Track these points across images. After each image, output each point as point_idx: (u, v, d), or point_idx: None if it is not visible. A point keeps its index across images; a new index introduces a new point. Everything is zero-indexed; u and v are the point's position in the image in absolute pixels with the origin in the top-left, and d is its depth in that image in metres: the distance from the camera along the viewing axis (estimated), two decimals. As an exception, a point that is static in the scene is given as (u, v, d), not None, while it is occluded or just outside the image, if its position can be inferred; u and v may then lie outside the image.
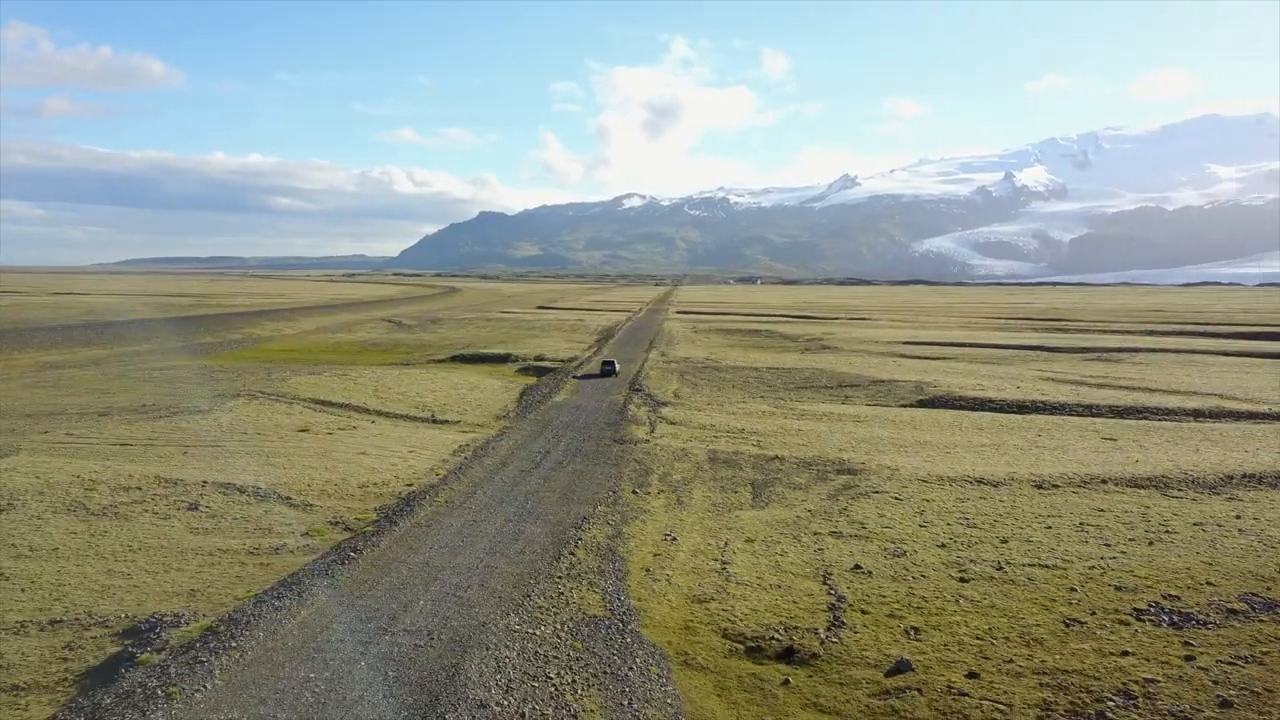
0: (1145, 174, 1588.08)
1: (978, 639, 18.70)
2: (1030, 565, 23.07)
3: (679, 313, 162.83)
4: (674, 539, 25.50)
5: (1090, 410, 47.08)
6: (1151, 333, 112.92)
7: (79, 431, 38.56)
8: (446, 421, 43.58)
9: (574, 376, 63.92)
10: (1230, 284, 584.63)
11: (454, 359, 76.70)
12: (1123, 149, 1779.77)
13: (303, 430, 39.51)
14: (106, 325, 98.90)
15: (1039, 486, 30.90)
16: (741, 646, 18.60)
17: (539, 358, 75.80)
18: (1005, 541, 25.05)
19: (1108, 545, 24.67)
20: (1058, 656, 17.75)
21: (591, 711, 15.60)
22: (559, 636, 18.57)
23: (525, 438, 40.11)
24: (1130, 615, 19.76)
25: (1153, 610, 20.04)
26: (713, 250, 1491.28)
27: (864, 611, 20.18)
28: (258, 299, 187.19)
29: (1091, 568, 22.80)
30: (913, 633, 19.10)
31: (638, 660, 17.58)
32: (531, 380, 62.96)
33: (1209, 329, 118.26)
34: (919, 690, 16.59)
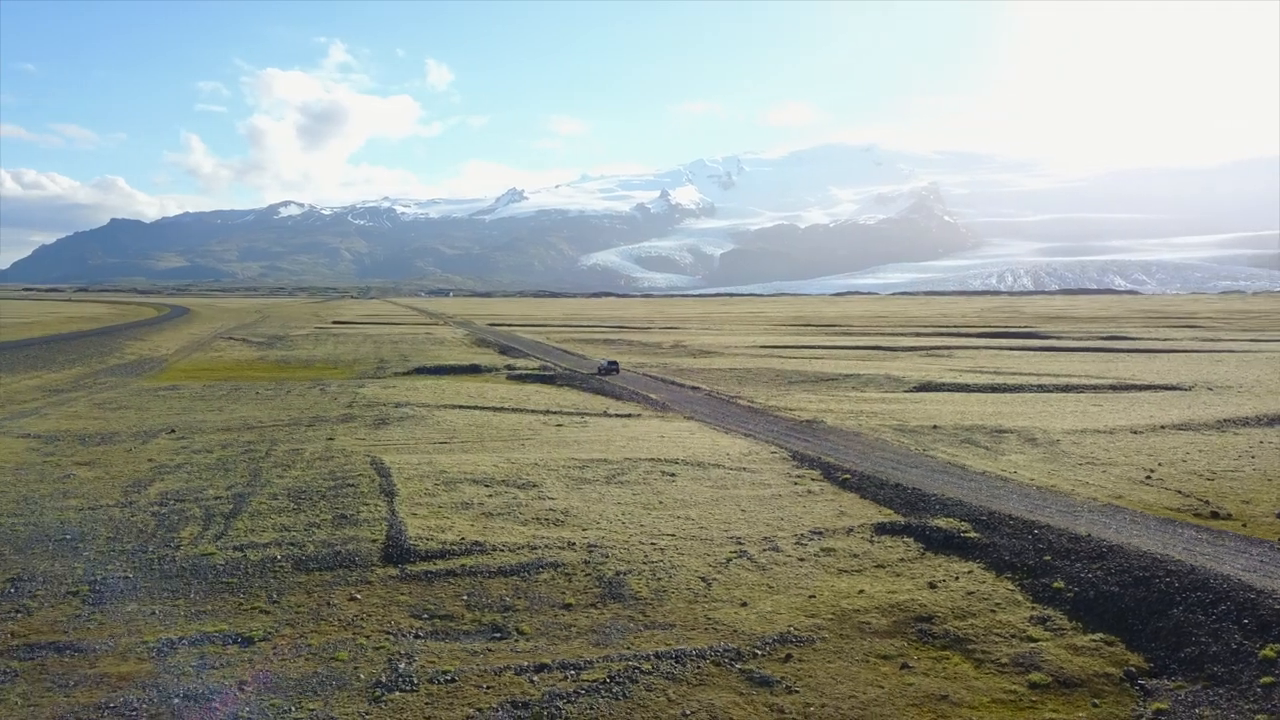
0: (780, 195, 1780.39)
1: (1282, 501, 32.48)
2: (1223, 470, 36.97)
3: (491, 325, 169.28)
4: (1014, 472, 37.23)
5: (1043, 388, 63.60)
6: (918, 334, 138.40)
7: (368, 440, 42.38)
8: (629, 416, 51.32)
9: (597, 376, 72.08)
10: (869, 293, 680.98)
11: (416, 371, 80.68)
12: (761, 171, 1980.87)
13: (559, 426, 45.92)
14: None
15: (1134, 432, 45.69)
16: (1189, 514, 31.01)
17: (509, 367, 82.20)
18: (1185, 460, 39.14)
19: (1235, 460, 39.62)
20: (1334, 504, 31.93)
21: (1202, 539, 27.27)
22: (1108, 526, 29.80)
23: (715, 422, 49.19)
24: (1322, 487, 34.56)
25: (1326, 484, 35.04)
26: (381, 261, 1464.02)
27: (1208, 495, 33.27)
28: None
29: (1253, 470, 37.19)
30: (1247, 503, 32.45)
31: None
32: (547, 385, 69.97)
33: (958, 330, 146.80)
34: (1305, 524, 29.96)
